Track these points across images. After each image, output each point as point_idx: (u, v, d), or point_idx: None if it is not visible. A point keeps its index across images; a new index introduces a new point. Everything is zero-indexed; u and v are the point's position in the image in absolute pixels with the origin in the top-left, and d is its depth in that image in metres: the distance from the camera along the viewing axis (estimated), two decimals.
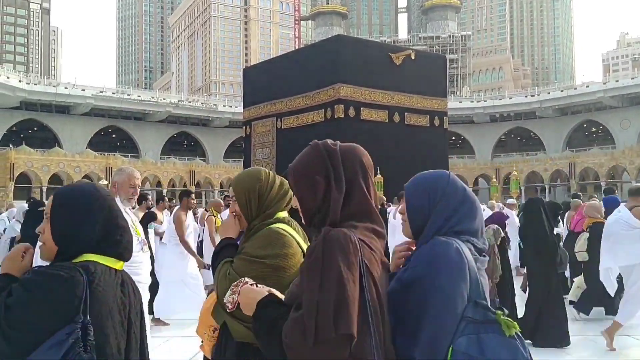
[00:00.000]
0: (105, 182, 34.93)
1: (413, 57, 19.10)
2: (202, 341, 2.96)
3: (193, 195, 7.88)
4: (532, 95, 73.65)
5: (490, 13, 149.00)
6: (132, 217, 3.74)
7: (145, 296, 3.66)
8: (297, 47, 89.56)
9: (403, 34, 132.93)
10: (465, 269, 1.55)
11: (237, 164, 65.27)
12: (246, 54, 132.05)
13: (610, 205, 7.67)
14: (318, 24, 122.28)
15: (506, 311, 1.58)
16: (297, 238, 2.12)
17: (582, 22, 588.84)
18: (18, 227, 8.89)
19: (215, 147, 75.89)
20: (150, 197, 9.35)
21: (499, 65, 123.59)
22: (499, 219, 6.98)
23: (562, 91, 71.06)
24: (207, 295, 3.05)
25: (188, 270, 7.17)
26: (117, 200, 3.66)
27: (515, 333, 1.52)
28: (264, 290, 1.69)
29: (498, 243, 6.09)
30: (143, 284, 3.61)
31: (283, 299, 1.66)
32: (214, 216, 9.07)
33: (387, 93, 18.47)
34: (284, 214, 2.22)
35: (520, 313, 6.36)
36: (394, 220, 9.63)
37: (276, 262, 2.00)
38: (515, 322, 1.54)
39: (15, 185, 50.12)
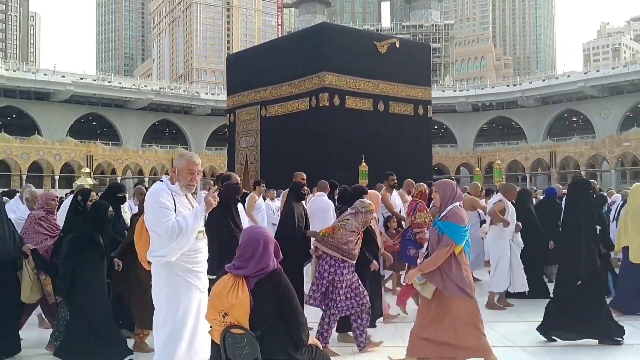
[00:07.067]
0: (88, 170, 34.59)
1: (398, 46, 19.08)
2: (210, 326, 2.94)
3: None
4: (514, 85, 73.98)
5: (473, 2, 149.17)
6: (193, 203, 3.74)
7: (205, 282, 3.67)
8: (279, 35, 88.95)
9: (386, 22, 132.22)
10: None
11: (220, 152, 64.86)
12: (228, 42, 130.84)
13: (550, 195, 9.32)
14: (301, 11, 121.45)
15: None
16: None
17: (563, 11, 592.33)
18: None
19: (197, 135, 75.35)
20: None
21: (481, 55, 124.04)
22: None
23: (543, 81, 71.45)
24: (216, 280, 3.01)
25: None
26: (176, 185, 3.64)
27: None
28: None
29: None
30: (201, 272, 3.65)
31: None
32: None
33: (371, 82, 18.45)
34: None
35: None
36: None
37: None
38: None
39: None
